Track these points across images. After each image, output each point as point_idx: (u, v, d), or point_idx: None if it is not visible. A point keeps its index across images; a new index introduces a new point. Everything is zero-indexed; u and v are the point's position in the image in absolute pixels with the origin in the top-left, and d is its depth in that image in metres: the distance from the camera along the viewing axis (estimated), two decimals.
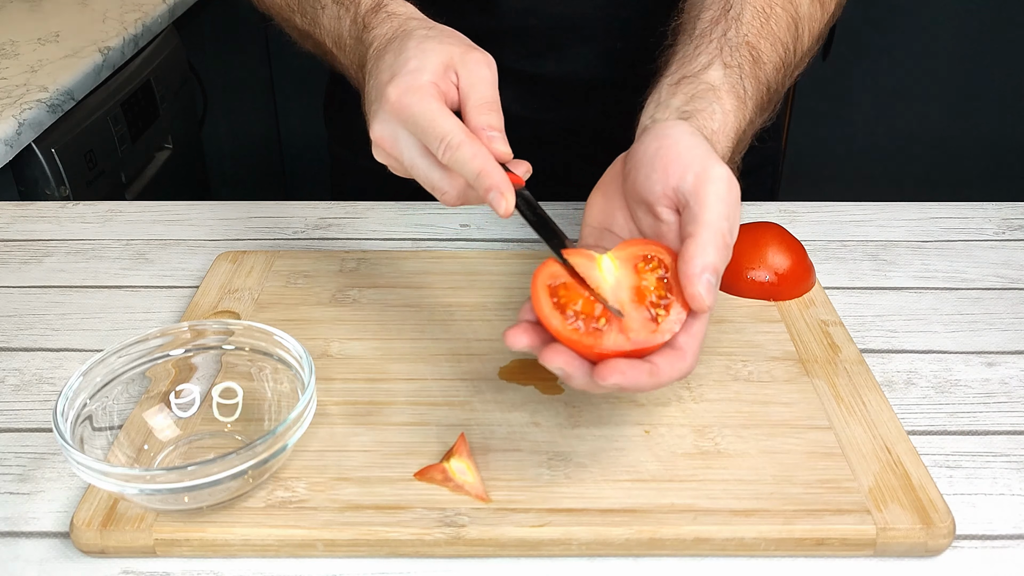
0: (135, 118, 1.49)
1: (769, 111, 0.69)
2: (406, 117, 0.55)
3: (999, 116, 2.41)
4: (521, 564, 0.51)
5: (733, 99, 0.62)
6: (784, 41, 0.69)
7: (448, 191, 0.57)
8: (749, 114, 0.63)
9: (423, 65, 0.57)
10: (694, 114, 0.60)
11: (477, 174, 0.54)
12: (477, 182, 0.54)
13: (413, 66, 0.57)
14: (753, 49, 0.66)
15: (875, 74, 2.36)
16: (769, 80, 0.66)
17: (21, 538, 0.53)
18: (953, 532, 0.51)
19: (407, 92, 0.55)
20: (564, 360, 0.49)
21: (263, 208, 0.89)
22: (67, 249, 0.82)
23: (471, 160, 0.54)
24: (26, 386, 0.65)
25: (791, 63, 0.70)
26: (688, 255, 0.51)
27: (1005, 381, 0.65)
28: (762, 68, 0.66)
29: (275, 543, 0.51)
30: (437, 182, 0.57)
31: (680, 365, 0.50)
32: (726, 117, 0.61)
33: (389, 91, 0.56)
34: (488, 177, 0.54)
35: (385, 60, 0.59)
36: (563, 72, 0.89)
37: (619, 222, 0.59)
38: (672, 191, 0.54)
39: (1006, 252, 0.81)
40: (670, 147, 0.55)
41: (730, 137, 0.61)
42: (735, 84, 0.62)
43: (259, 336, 0.58)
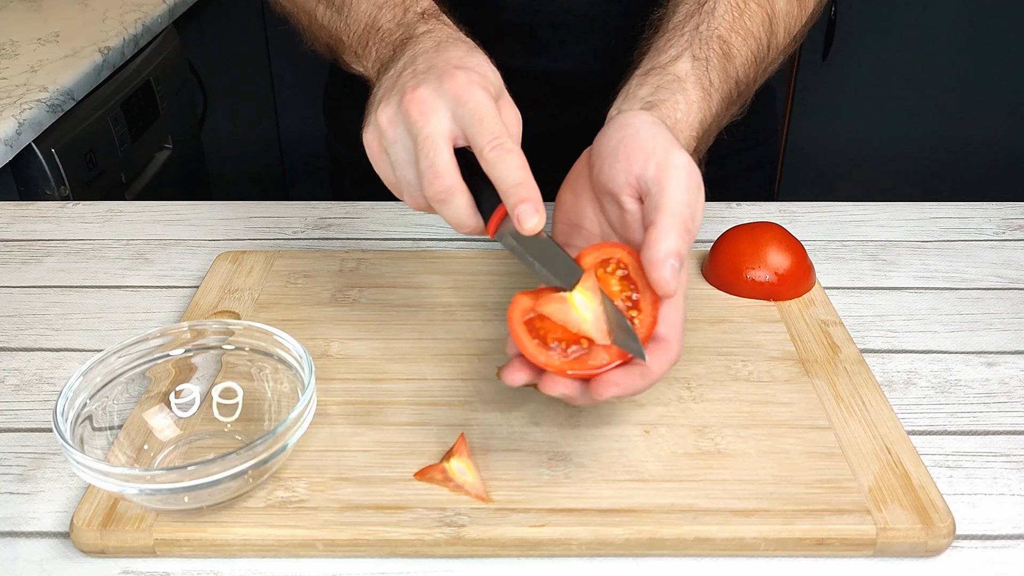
0: (135, 118, 1.49)
1: (738, 105, 0.69)
2: (467, 100, 0.54)
3: (999, 116, 2.41)
4: (521, 564, 0.51)
5: (699, 91, 0.62)
6: (757, 36, 0.69)
7: (443, 178, 0.54)
8: (715, 107, 0.64)
9: (491, 77, 0.57)
10: (657, 104, 0.60)
11: (518, 183, 0.53)
12: (515, 190, 0.53)
13: (484, 71, 0.57)
14: (724, 43, 0.66)
15: (875, 74, 2.36)
16: (738, 74, 0.67)
17: (21, 538, 0.53)
18: (953, 532, 0.51)
19: (476, 84, 0.55)
20: (562, 388, 0.51)
21: (263, 208, 0.89)
22: (67, 249, 0.82)
23: (517, 168, 0.53)
24: (26, 386, 0.65)
25: (764, 58, 0.70)
26: (651, 242, 0.52)
27: (1005, 381, 0.65)
28: (731, 62, 0.66)
29: (275, 543, 0.51)
30: (441, 164, 0.54)
31: (667, 356, 0.52)
32: (690, 108, 0.61)
33: (459, 74, 0.55)
34: (527, 190, 0.52)
35: (454, 51, 0.58)
36: (561, 69, 0.89)
37: (588, 216, 0.60)
38: (635, 180, 0.55)
39: (1006, 252, 0.81)
40: (632, 136, 0.56)
41: (693, 127, 0.61)
42: (701, 76, 0.63)
43: (259, 336, 0.58)
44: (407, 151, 0.55)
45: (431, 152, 0.54)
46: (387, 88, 0.58)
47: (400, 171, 0.56)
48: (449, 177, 0.54)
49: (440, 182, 0.54)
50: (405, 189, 0.57)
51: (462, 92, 0.54)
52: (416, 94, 0.55)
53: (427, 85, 0.55)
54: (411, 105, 0.54)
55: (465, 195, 0.55)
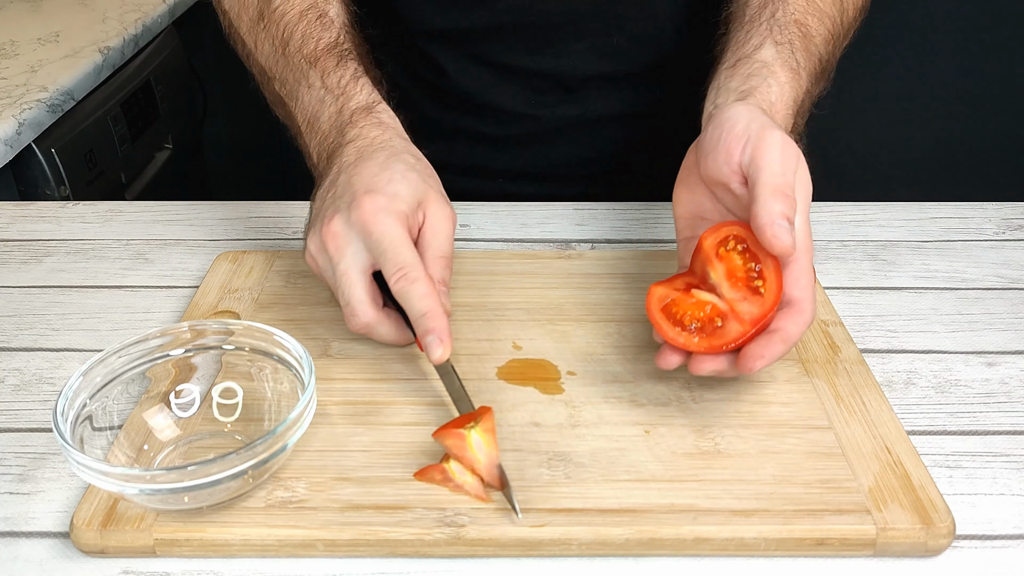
0: (135, 118, 1.49)
1: (823, 81, 0.73)
2: (372, 231, 0.57)
3: (999, 116, 2.41)
4: (521, 564, 0.51)
5: (787, 72, 0.65)
6: (831, 15, 0.72)
7: (360, 316, 0.60)
8: (804, 84, 0.67)
9: (402, 193, 0.59)
10: (751, 92, 0.63)
11: (424, 313, 0.57)
12: (421, 320, 0.57)
13: (393, 189, 0.59)
14: (802, 26, 0.69)
15: (875, 74, 2.36)
16: (820, 52, 0.70)
17: (21, 538, 0.53)
18: (953, 532, 0.51)
19: (382, 211, 0.58)
20: (711, 366, 0.55)
21: (263, 208, 0.89)
22: (67, 249, 0.82)
23: (423, 298, 0.57)
24: (26, 386, 0.65)
25: (839, 34, 0.74)
26: (755, 213, 0.55)
27: (1005, 381, 0.65)
28: (812, 41, 0.69)
29: (275, 543, 0.51)
30: (356, 302, 0.59)
31: (801, 318, 0.55)
32: (782, 89, 0.64)
33: (365, 202, 0.58)
34: (433, 320, 0.57)
35: (368, 168, 0.61)
36: (561, 67, 0.89)
37: (707, 207, 0.63)
38: (736, 166, 0.58)
39: (1006, 252, 0.81)
40: (730, 129, 0.59)
41: (788, 105, 0.64)
42: (787, 59, 0.66)
43: (259, 336, 0.58)
44: (333, 280, 0.61)
45: (347, 290, 0.59)
46: (316, 210, 0.62)
47: (335, 295, 0.61)
48: (364, 315, 0.59)
49: (357, 320, 0.60)
50: (351, 303, 0.60)
51: (368, 222, 0.58)
52: (331, 227, 0.59)
53: (340, 216, 0.59)
54: (327, 239, 0.59)
55: (385, 324, 0.60)
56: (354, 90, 0.68)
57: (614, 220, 0.86)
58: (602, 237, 0.83)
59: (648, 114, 0.93)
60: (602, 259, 0.77)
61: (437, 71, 0.92)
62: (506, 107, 0.92)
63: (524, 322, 0.68)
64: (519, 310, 0.70)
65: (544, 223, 0.85)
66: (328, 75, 0.69)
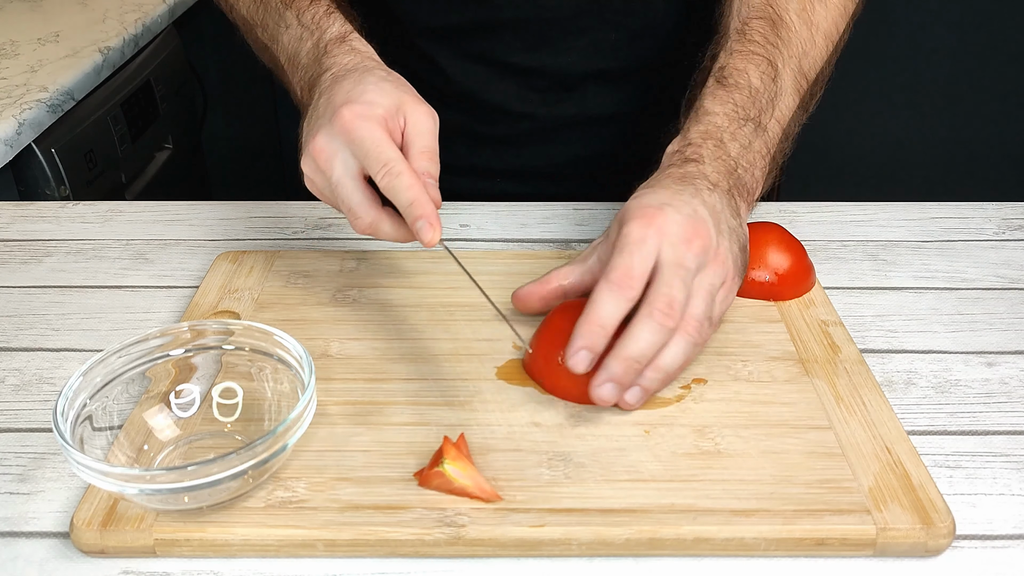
0: (135, 118, 1.49)
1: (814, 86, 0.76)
2: (354, 138, 0.59)
3: (999, 116, 2.41)
4: (521, 564, 0.51)
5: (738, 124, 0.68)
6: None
7: (362, 217, 0.61)
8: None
9: (378, 100, 0.61)
10: (685, 161, 0.66)
11: (411, 202, 0.58)
12: (409, 210, 0.58)
13: (369, 98, 0.61)
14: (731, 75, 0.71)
15: (875, 74, 2.36)
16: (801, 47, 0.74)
17: (21, 538, 0.53)
18: (953, 532, 0.51)
19: (360, 117, 0.60)
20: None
21: (263, 208, 0.88)
22: (67, 249, 0.82)
23: (408, 189, 0.58)
24: (26, 386, 0.65)
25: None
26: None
27: (1005, 381, 0.65)
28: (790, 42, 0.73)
29: (275, 543, 0.51)
30: (355, 205, 0.61)
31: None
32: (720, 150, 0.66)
33: (344, 111, 0.60)
34: (420, 207, 0.58)
35: (343, 86, 0.63)
36: (559, 64, 0.89)
37: None
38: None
39: (1006, 252, 0.81)
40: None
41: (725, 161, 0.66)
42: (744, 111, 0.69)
43: (259, 336, 0.58)
44: (332, 194, 0.62)
45: (345, 196, 0.61)
46: (304, 135, 0.64)
47: (335, 207, 0.63)
48: (366, 215, 0.61)
49: (360, 222, 0.61)
50: (353, 208, 0.62)
51: (349, 129, 0.60)
52: (316, 143, 0.61)
53: (322, 131, 0.61)
54: (316, 155, 0.61)
55: (386, 221, 0.61)
56: (327, 23, 0.70)
57: None
58: None
59: (647, 113, 0.93)
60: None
61: (435, 71, 0.92)
62: (504, 106, 0.92)
63: (524, 322, 0.68)
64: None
65: (544, 223, 0.85)
66: (303, 13, 0.72)
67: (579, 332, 0.56)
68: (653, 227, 0.58)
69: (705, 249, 0.59)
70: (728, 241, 0.61)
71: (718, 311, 0.60)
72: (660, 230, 0.58)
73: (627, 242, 0.58)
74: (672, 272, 0.57)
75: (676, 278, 0.57)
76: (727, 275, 0.60)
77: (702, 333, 0.58)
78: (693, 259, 0.58)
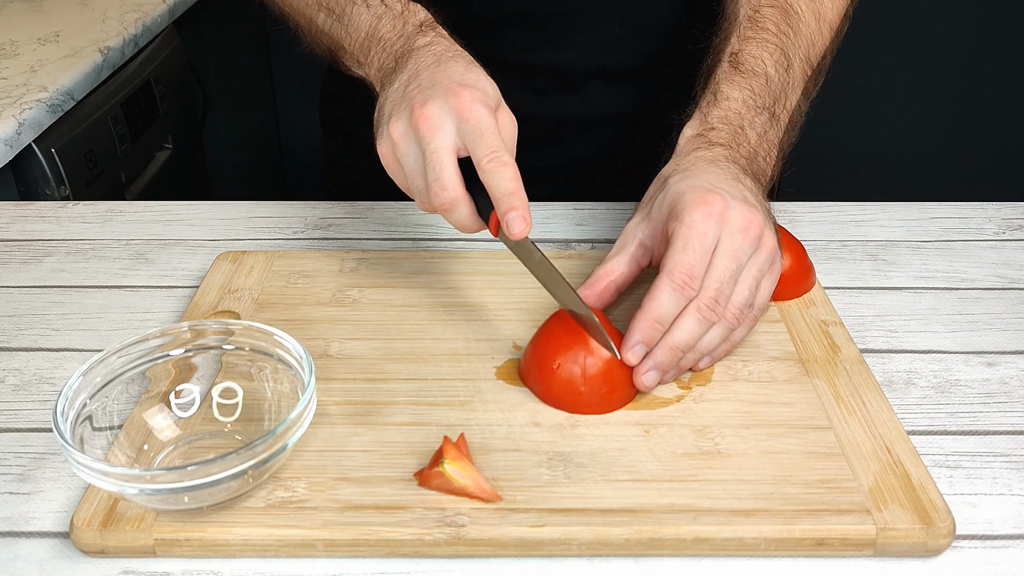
0: (135, 118, 1.49)
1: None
2: (468, 117, 0.60)
3: (999, 116, 2.41)
4: (521, 564, 0.51)
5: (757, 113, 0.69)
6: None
7: (449, 191, 0.61)
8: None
9: (490, 92, 0.63)
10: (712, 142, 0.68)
11: (510, 192, 0.58)
12: (507, 198, 0.58)
13: (483, 87, 0.62)
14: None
15: (875, 74, 2.36)
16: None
17: (21, 538, 0.53)
18: (953, 532, 0.51)
19: (478, 101, 0.60)
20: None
21: (263, 208, 0.89)
22: (67, 249, 0.82)
23: (512, 179, 0.59)
24: (26, 386, 0.65)
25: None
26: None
27: (1005, 381, 0.65)
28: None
29: (275, 543, 0.51)
30: (446, 177, 0.60)
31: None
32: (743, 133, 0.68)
33: (463, 92, 0.61)
34: (518, 199, 0.58)
35: (452, 67, 0.64)
36: (562, 61, 0.89)
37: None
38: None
39: (1006, 252, 0.81)
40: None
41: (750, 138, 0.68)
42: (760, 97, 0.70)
43: (259, 336, 0.58)
44: (417, 162, 0.61)
45: (437, 166, 0.60)
46: (395, 102, 0.63)
47: (412, 180, 0.62)
48: (453, 190, 0.60)
49: (445, 194, 0.60)
50: (416, 195, 0.63)
51: (465, 109, 0.60)
52: (424, 110, 0.60)
53: (433, 102, 0.61)
54: (420, 121, 0.60)
55: (467, 204, 0.61)
56: (412, 7, 0.71)
57: (614, 220, 0.86)
58: (602, 237, 0.83)
59: (649, 113, 0.93)
60: (602, 259, 0.77)
61: None
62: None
63: (524, 322, 0.68)
64: (519, 310, 0.70)
65: (544, 223, 0.85)
66: None
67: (637, 327, 0.59)
68: (714, 217, 0.60)
69: (758, 236, 0.61)
70: (771, 226, 0.63)
71: (762, 296, 0.62)
72: (721, 219, 0.60)
73: (691, 235, 0.59)
74: (726, 265, 0.59)
75: (728, 271, 0.59)
76: (773, 260, 0.63)
77: (741, 319, 0.61)
78: (748, 248, 0.60)
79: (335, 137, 1.05)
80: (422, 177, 0.61)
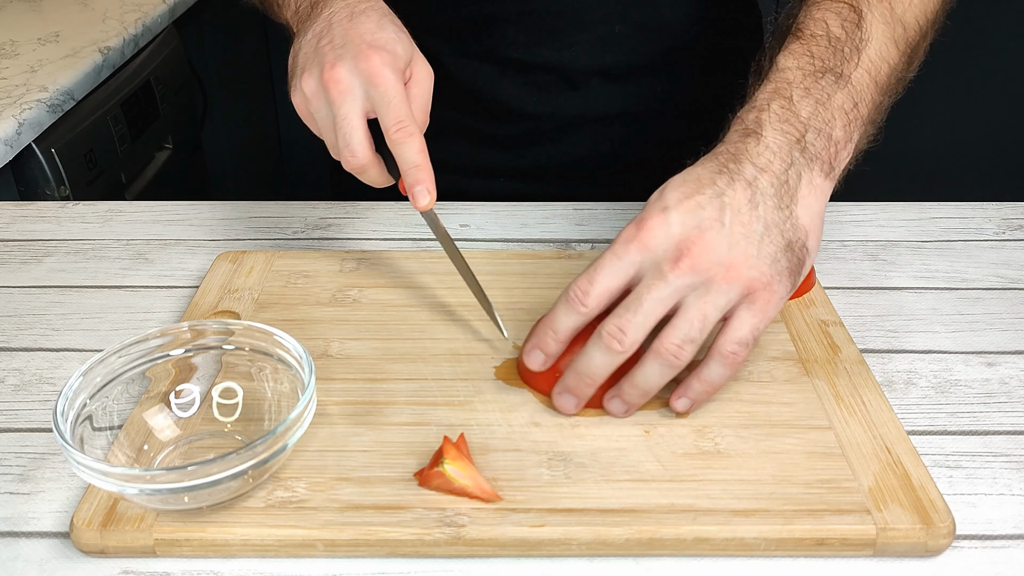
0: (135, 118, 1.49)
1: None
2: (378, 83, 0.61)
3: (998, 116, 2.41)
4: (521, 564, 0.51)
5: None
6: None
7: (359, 156, 0.62)
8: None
9: (399, 52, 0.63)
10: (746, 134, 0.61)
11: (417, 164, 0.61)
12: (413, 171, 0.61)
13: (392, 48, 0.63)
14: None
15: None
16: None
17: (21, 538, 0.53)
18: (953, 532, 0.51)
19: (387, 66, 0.62)
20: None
21: (263, 208, 0.89)
22: (67, 249, 0.82)
23: (418, 152, 0.61)
24: (26, 386, 0.65)
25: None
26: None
27: (1005, 381, 0.65)
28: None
29: (275, 543, 0.51)
30: (356, 144, 0.62)
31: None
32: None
33: (372, 55, 0.61)
34: (424, 171, 0.61)
35: (362, 24, 0.64)
36: (563, 59, 0.89)
37: None
38: None
39: (1006, 252, 0.81)
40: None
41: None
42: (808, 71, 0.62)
43: (259, 336, 0.58)
44: (328, 120, 0.63)
45: (347, 132, 0.62)
46: (307, 55, 0.65)
47: (324, 135, 0.64)
48: (362, 156, 0.62)
49: (355, 160, 0.62)
50: (329, 147, 0.65)
51: (374, 74, 0.61)
52: (334, 72, 0.62)
53: (343, 63, 0.62)
54: (330, 84, 0.61)
55: (376, 167, 0.63)
56: None
57: (614, 220, 0.86)
58: (602, 237, 0.83)
59: (651, 113, 0.93)
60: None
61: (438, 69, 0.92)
62: (508, 105, 0.92)
63: (524, 322, 0.68)
64: (519, 310, 0.70)
65: (544, 223, 0.85)
66: None
67: (533, 331, 0.60)
68: (635, 241, 0.55)
69: (701, 267, 0.54)
70: (759, 246, 0.55)
71: (739, 334, 0.55)
72: (644, 245, 0.55)
73: (608, 252, 0.56)
74: (637, 297, 0.54)
75: (638, 303, 0.54)
76: (748, 288, 0.55)
77: (681, 357, 0.55)
78: (680, 279, 0.54)
79: None
80: (333, 134, 0.63)
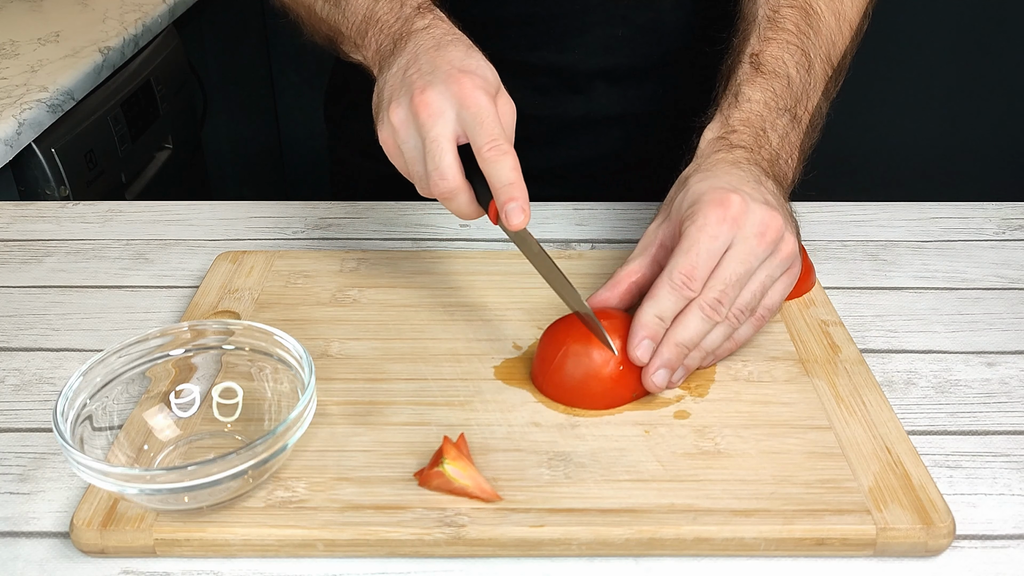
0: (135, 118, 1.49)
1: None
2: (470, 104, 0.59)
3: (998, 116, 2.41)
4: (521, 564, 0.51)
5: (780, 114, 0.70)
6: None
7: (449, 180, 0.60)
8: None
9: (490, 78, 0.62)
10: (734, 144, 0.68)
11: (511, 182, 0.59)
12: (507, 188, 0.59)
13: (483, 73, 0.62)
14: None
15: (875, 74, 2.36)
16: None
17: (21, 538, 0.53)
18: (953, 532, 0.51)
19: (479, 88, 0.60)
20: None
21: (263, 208, 0.89)
22: (67, 249, 0.82)
23: (512, 169, 0.59)
24: (26, 386, 0.65)
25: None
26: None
27: (1005, 381, 0.65)
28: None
29: (275, 543, 0.51)
30: (446, 166, 0.60)
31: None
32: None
33: (464, 79, 0.60)
34: (518, 189, 0.59)
35: (451, 52, 0.63)
36: (565, 62, 0.89)
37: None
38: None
39: (1006, 252, 0.81)
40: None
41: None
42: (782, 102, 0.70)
43: (259, 336, 0.58)
44: (417, 149, 0.61)
45: (437, 155, 0.59)
46: (394, 86, 0.63)
47: (412, 167, 0.62)
48: (452, 179, 0.60)
49: (445, 184, 0.60)
50: (416, 181, 0.63)
51: (466, 96, 0.59)
52: (424, 97, 0.60)
53: (433, 88, 0.60)
54: (420, 108, 0.60)
55: (466, 193, 0.61)
56: None
57: (614, 220, 0.86)
58: (602, 237, 0.83)
59: (652, 114, 0.93)
60: (602, 259, 0.77)
61: None
62: None
63: (524, 322, 0.68)
64: (519, 310, 0.70)
65: (544, 223, 0.85)
66: None
67: (639, 324, 0.59)
68: (728, 220, 0.59)
69: (774, 241, 0.60)
70: (792, 230, 0.63)
71: (772, 299, 0.62)
72: (736, 222, 0.59)
73: (700, 236, 0.59)
74: (734, 268, 0.59)
75: (735, 274, 0.59)
76: (790, 264, 0.62)
77: (743, 320, 0.60)
78: (761, 252, 0.60)
79: (343, 137, 1.05)
80: (422, 164, 0.61)
